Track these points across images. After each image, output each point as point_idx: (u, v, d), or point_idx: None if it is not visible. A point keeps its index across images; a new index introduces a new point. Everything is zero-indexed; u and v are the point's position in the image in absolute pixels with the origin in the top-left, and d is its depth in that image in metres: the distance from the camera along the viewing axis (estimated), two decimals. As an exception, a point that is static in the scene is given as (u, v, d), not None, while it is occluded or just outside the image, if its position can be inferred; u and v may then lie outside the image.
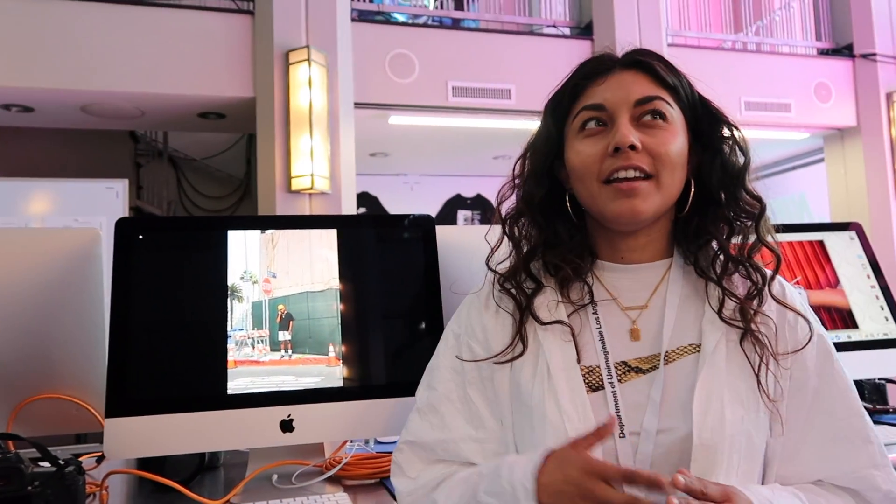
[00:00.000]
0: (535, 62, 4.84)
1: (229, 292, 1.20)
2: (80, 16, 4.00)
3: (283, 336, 1.21)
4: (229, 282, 1.20)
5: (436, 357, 0.98)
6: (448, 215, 7.18)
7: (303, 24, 4.23)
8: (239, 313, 1.20)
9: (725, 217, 0.91)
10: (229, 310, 1.19)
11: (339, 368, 1.20)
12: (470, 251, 1.20)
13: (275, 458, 1.23)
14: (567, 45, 5.10)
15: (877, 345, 1.52)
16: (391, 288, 1.27)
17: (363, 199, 6.69)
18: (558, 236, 0.93)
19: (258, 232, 1.24)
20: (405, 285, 1.27)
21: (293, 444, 1.17)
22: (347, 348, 1.21)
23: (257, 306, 1.21)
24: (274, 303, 1.22)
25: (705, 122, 0.92)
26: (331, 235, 1.26)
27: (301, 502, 1.08)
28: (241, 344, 1.18)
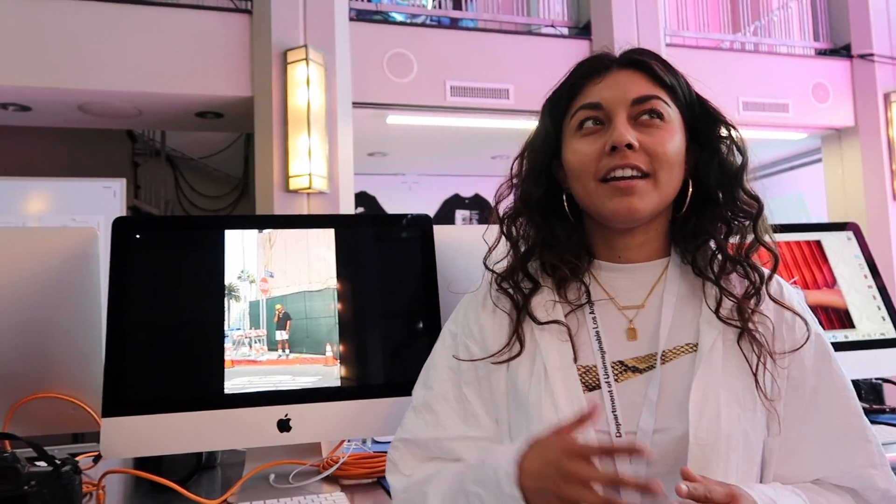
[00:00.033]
0: (534, 62, 4.84)
1: (226, 292, 1.20)
2: (78, 14, 4.00)
3: (281, 336, 1.20)
4: (226, 281, 1.20)
5: (432, 356, 0.98)
6: (446, 215, 7.18)
7: (301, 24, 4.22)
8: (236, 313, 1.19)
9: (723, 216, 0.91)
10: (226, 309, 1.19)
11: (336, 368, 1.20)
12: (467, 251, 1.20)
13: (272, 457, 1.23)
14: (565, 45, 5.10)
15: (873, 345, 1.52)
16: (389, 287, 1.27)
17: (361, 198, 6.68)
18: (556, 236, 0.93)
19: (255, 231, 1.24)
20: (403, 285, 1.27)
21: (290, 443, 1.17)
22: (345, 348, 1.21)
23: (254, 306, 1.21)
24: (271, 302, 1.22)
25: (703, 121, 0.92)
26: (328, 235, 1.26)
27: (298, 502, 1.08)
28: (238, 343, 1.18)
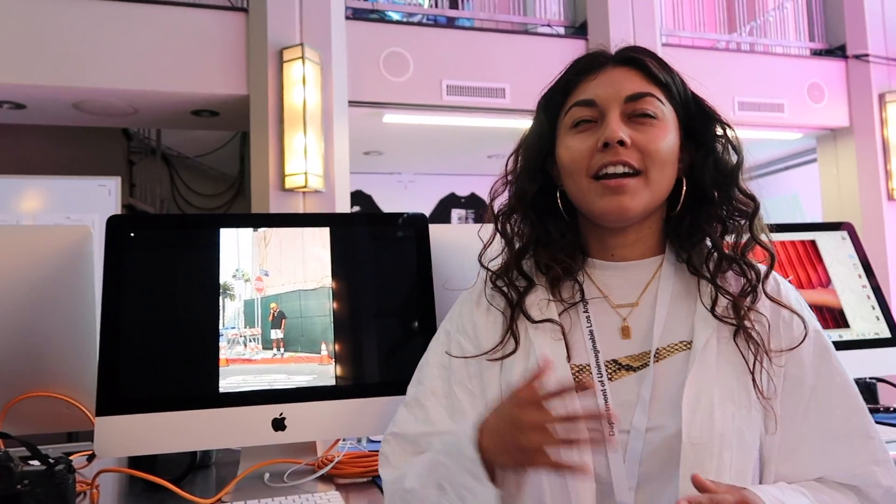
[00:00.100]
0: (530, 61, 4.84)
1: (221, 290, 1.20)
2: (73, 12, 3.98)
3: (276, 334, 1.20)
4: (221, 280, 1.20)
5: (427, 353, 0.99)
6: (442, 214, 7.18)
7: (297, 22, 4.22)
8: (231, 311, 1.19)
9: (719, 215, 0.91)
10: (221, 308, 1.19)
11: (331, 367, 1.20)
12: (463, 249, 1.20)
13: (267, 456, 1.23)
14: (561, 44, 5.10)
15: (867, 344, 1.52)
16: (384, 286, 1.27)
17: (357, 197, 6.67)
18: (549, 234, 0.94)
19: (250, 230, 1.24)
20: (398, 284, 1.27)
21: (285, 442, 1.17)
22: (340, 347, 1.21)
23: (249, 304, 1.20)
24: (266, 301, 1.21)
25: (698, 119, 0.92)
26: (323, 234, 1.26)
27: (293, 501, 1.08)
28: (233, 342, 1.18)
